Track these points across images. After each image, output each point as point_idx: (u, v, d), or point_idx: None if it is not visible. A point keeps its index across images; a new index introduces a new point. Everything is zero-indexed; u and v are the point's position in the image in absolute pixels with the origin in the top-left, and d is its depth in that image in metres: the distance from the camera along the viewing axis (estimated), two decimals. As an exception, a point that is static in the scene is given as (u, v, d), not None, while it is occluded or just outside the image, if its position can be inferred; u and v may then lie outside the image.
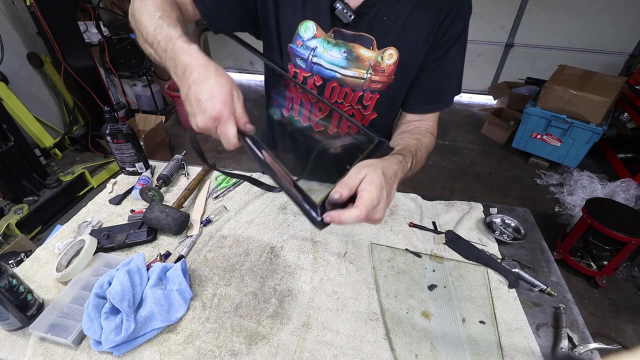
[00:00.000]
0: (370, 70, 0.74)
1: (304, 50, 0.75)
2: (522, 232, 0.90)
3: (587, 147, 2.66)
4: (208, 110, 0.49)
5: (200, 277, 0.78)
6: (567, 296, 0.76)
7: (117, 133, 1.02)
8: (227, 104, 0.50)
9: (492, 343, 0.66)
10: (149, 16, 0.60)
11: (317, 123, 0.88)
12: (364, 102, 0.81)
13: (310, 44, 0.74)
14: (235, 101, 0.52)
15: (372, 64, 0.73)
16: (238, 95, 0.53)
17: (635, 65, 3.36)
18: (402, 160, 0.61)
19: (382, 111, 0.83)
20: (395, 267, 0.81)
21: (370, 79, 0.75)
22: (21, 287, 0.65)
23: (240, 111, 0.52)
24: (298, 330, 0.67)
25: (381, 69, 0.74)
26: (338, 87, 0.79)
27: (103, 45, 3.15)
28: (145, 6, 0.62)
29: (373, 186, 0.48)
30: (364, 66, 0.74)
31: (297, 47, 0.75)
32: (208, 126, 0.51)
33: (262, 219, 0.94)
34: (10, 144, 2.17)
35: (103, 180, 2.77)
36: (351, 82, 0.77)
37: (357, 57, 0.73)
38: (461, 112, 3.96)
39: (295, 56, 0.77)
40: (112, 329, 0.62)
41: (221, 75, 0.51)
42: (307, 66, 0.77)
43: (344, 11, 0.68)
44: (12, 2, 2.55)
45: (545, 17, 3.48)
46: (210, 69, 0.52)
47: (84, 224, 0.92)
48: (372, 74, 0.75)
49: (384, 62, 0.73)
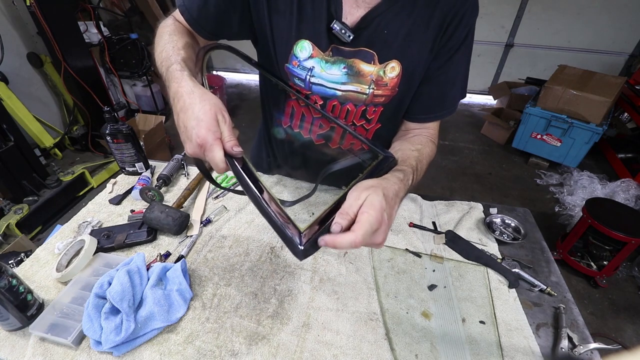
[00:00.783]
0: (373, 85, 0.71)
1: (300, 71, 0.72)
2: (522, 232, 0.90)
3: (587, 147, 2.66)
4: (194, 137, 0.50)
5: (200, 277, 0.78)
6: (567, 296, 0.76)
7: (117, 133, 1.02)
8: (212, 130, 0.50)
9: (492, 343, 0.66)
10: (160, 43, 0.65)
11: (317, 137, 0.85)
12: (367, 116, 0.79)
13: (307, 64, 0.71)
14: (221, 125, 0.52)
15: (374, 78, 0.71)
16: (224, 119, 0.52)
17: (635, 65, 3.36)
18: (403, 178, 0.58)
19: (386, 121, 0.81)
20: (395, 267, 0.81)
21: (372, 94, 0.73)
22: (21, 287, 0.65)
23: (227, 134, 0.52)
24: (298, 330, 0.67)
25: (384, 82, 0.71)
26: (339, 105, 0.77)
27: (103, 45, 3.15)
28: (160, 36, 0.67)
29: (373, 209, 0.46)
30: (366, 81, 0.71)
31: (293, 67, 0.73)
32: (196, 152, 0.52)
33: (262, 219, 0.92)
34: (10, 144, 2.17)
35: (103, 180, 2.77)
36: (353, 97, 0.74)
37: (357, 72, 0.70)
38: (461, 112, 3.97)
39: (292, 76, 0.75)
40: (112, 329, 0.62)
41: (206, 100, 0.52)
42: (305, 86, 0.75)
43: (342, 31, 0.65)
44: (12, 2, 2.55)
45: (545, 17, 3.48)
46: (195, 96, 0.52)
47: (84, 224, 0.92)
48: (375, 89, 0.72)
49: (387, 75, 0.70)
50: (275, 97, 0.85)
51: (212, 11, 0.68)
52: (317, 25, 0.67)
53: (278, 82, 0.78)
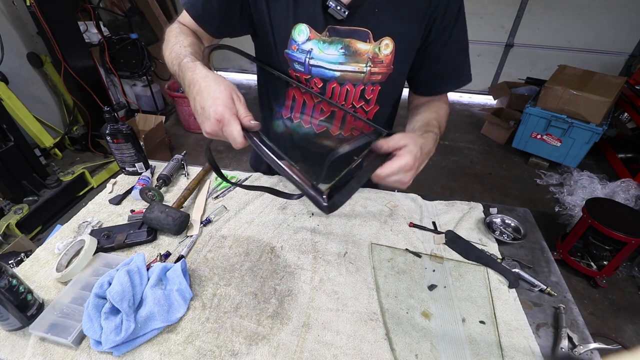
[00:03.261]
0: (370, 62, 0.75)
1: (300, 54, 0.76)
2: (522, 232, 0.90)
3: (587, 147, 2.66)
4: (212, 115, 0.53)
5: (200, 277, 0.78)
6: (567, 296, 0.76)
7: (117, 133, 1.02)
8: (228, 106, 0.54)
9: (492, 343, 0.66)
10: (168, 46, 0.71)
11: (318, 125, 0.88)
12: (366, 97, 0.81)
13: (305, 47, 0.74)
14: (236, 103, 0.55)
15: (370, 56, 0.74)
16: (238, 98, 0.56)
17: (635, 65, 3.36)
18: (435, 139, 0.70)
19: (384, 102, 0.85)
20: (395, 267, 0.81)
21: (370, 72, 0.76)
22: (21, 287, 0.65)
23: (242, 111, 0.55)
24: (298, 330, 0.67)
25: (379, 59, 0.75)
26: (338, 87, 0.79)
27: (103, 45, 3.15)
28: (167, 40, 0.73)
29: (410, 155, 0.57)
30: (363, 60, 0.75)
31: (293, 52, 0.76)
32: (215, 130, 0.55)
33: (262, 219, 0.94)
34: (10, 144, 2.17)
35: (103, 180, 2.77)
36: (351, 77, 0.77)
37: (354, 51, 0.74)
38: (461, 112, 3.97)
39: (292, 61, 0.78)
40: (112, 329, 0.62)
41: (220, 82, 0.56)
42: (305, 69, 0.77)
43: (337, 8, 0.68)
44: (12, 2, 2.55)
45: (545, 17, 3.49)
46: (210, 79, 0.56)
47: (84, 224, 0.92)
48: (372, 66, 0.75)
49: (382, 52, 0.74)
50: (275, 89, 0.88)
51: (215, 6, 0.73)
52: (313, 7, 0.70)
53: (280, 74, 0.81)
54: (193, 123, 3.40)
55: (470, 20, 0.75)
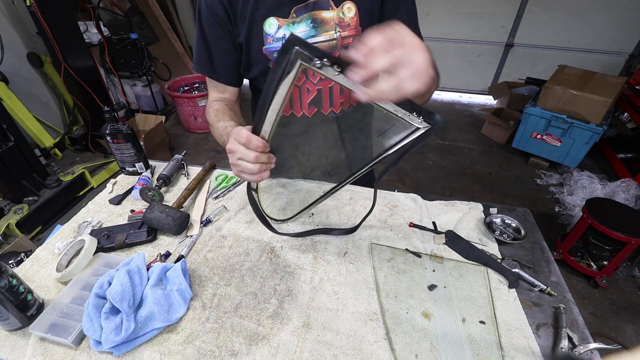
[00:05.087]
0: (338, 28, 0.78)
1: (276, 44, 0.80)
2: (522, 232, 0.90)
3: (587, 147, 2.66)
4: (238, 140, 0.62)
5: (200, 277, 0.78)
6: (567, 296, 0.76)
7: (117, 133, 1.02)
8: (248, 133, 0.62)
9: (492, 343, 0.66)
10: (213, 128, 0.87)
11: (308, 107, 0.88)
12: None
13: (278, 35, 0.79)
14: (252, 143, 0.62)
15: (336, 22, 0.78)
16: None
17: (635, 65, 3.36)
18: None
19: None
20: (395, 267, 0.81)
21: (340, 37, 0.79)
22: (21, 287, 0.65)
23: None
24: (298, 330, 0.67)
25: (346, 23, 0.79)
26: None
27: (103, 45, 3.15)
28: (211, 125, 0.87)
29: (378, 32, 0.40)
30: (331, 27, 0.78)
31: (269, 44, 0.80)
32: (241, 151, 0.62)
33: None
34: (10, 144, 2.17)
35: (103, 180, 2.77)
36: (326, 47, 0.81)
37: (322, 21, 0.78)
38: (461, 112, 3.96)
39: (271, 54, 0.81)
40: (112, 329, 0.62)
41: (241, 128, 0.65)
42: None
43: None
44: (12, 2, 2.55)
45: (545, 17, 3.48)
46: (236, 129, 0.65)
47: (84, 224, 0.92)
48: (341, 31, 0.79)
49: (346, 15, 0.78)
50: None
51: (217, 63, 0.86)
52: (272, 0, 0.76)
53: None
54: (193, 123, 3.40)
55: (470, 20, 0.76)
